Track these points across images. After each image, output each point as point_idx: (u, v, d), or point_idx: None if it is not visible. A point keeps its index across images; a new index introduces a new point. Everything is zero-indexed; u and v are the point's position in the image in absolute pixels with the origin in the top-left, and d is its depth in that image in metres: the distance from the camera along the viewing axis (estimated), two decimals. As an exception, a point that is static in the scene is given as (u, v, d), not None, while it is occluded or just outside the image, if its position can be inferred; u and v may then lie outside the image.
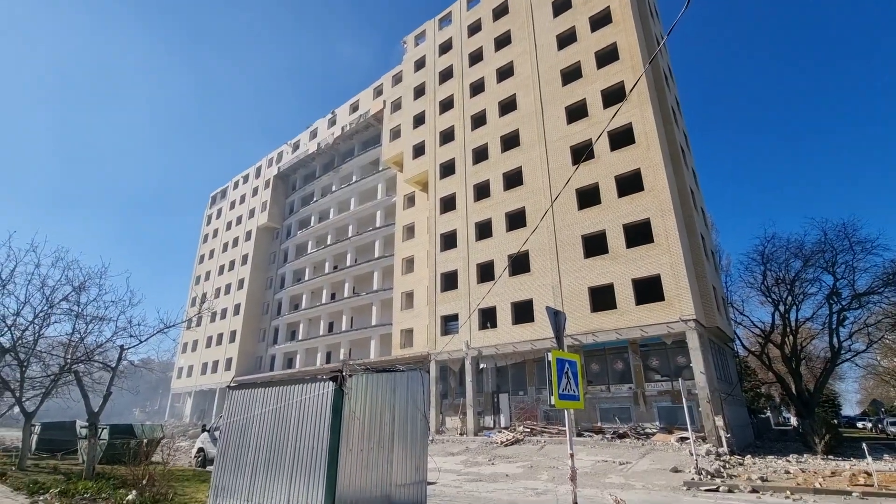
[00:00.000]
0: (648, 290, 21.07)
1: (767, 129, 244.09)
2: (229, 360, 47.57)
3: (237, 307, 50.06)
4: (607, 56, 25.68)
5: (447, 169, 31.98)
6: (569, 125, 25.84)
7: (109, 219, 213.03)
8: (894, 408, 55.18)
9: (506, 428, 23.77)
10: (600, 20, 26.66)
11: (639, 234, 21.90)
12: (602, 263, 22.36)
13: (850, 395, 72.49)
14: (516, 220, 26.68)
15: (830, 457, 16.92)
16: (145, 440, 15.41)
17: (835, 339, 25.55)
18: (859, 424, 46.81)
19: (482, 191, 29.13)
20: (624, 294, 21.33)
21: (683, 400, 15.02)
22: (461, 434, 24.98)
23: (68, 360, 14.73)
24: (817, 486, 11.11)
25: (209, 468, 14.10)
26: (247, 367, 46.86)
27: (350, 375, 7.05)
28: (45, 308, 15.60)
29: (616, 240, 22.21)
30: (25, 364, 15.44)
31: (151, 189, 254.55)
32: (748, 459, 15.88)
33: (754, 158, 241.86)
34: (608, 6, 26.26)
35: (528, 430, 22.35)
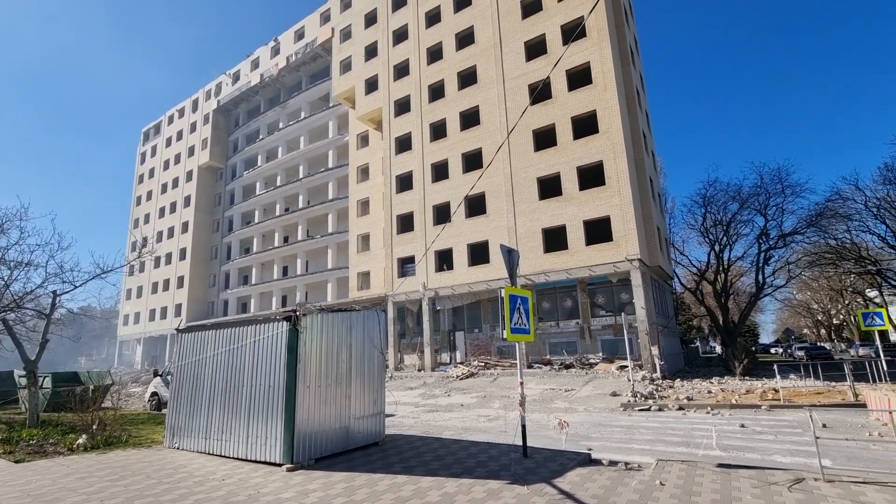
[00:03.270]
0: (598, 231, 21.90)
1: (732, 75, 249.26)
2: (179, 306, 46.05)
3: (183, 252, 47.75)
4: (569, -12, 24.65)
5: (402, 106, 30.66)
6: (528, 62, 25.12)
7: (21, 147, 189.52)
8: (803, 335, 62.75)
9: (461, 363, 24.94)
10: (563, -53, 25.26)
11: (592, 176, 22.35)
12: (556, 205, 22.84)
13: (768, 325, 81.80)
14: (473, 161, 26.39)
15: (747, 378, 19.12)
16: (92, 387, 14.96)
17: (760, 276, 28.12)
18: (773, 350, 53.01)
19: (438, 130, 28.34)
20: (575, 235, 22.08)
21: (625, 333, 16.22)
22: (419, 370, 25.99)
23: (-6, 309, 13.66)
24: (733, 402, 12.61)
25: (164, 411, 13.98)
26: (198, 312, 45.60)
27: (305, 315, 6.99)
28: (-43, 253, 14.20)
29: (570, 182, 22.59)
30: (-57, 313, 14.25)
31: (68, 117, 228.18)
32: (678, 383, 17.66)
33: (709, 102, 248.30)
34: (572, -68, 24.82)
35: (483, 364, 23.58)
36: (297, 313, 7.00)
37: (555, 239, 22.96)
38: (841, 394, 13.00)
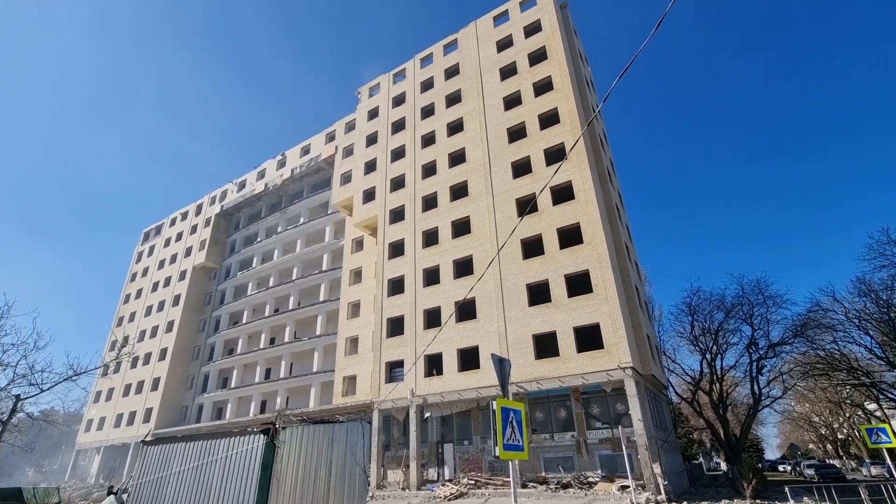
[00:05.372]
0: (589, 338, 21.87)
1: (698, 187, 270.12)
2: (149, 411, 43.03)
3: (163, 352, 46.04)
4: (549, 119, 27.81)
5: (397, 215, 32.36)
6: (514, 179, 27.28)
7: (19, 244, 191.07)
8: (809, 451, 59.32)
9: (450, 480, 22.96)
10: (543, 87, 29.05)
11: (579, 284, 22.96)
12: (545, 312, 23.06)
13: (771, 439, 77.61)
14: (463, 267, 27.17)
15: (758, 501, 17.72)
16: (36, 508, 13.45)
17: (755, 387, 27.51)
18: (780, 468, 49.58)
19: (431, 238, 29.59)
20: (566, 342, 21.96)
21: (623, 447, 15.40)
22: (403, 489, 23.78)
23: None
24: (744, 531, 11.55)
25: (113, 539, 12.43)
26: (170, 418, 42.58)
27: (284, 427, 6.70)
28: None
29: (558, 289, 23.11)
30: None
31: (74, 218, 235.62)
32: (683, 507, 16.27)
33: (684, 215, 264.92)
34: (550, 75, 28.76)
35: (473, 482, 21.72)
36: (276, 425, 6.73)
37: (546, 345, 22.78)
38: (858, 523, 12.04)
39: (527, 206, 25.64)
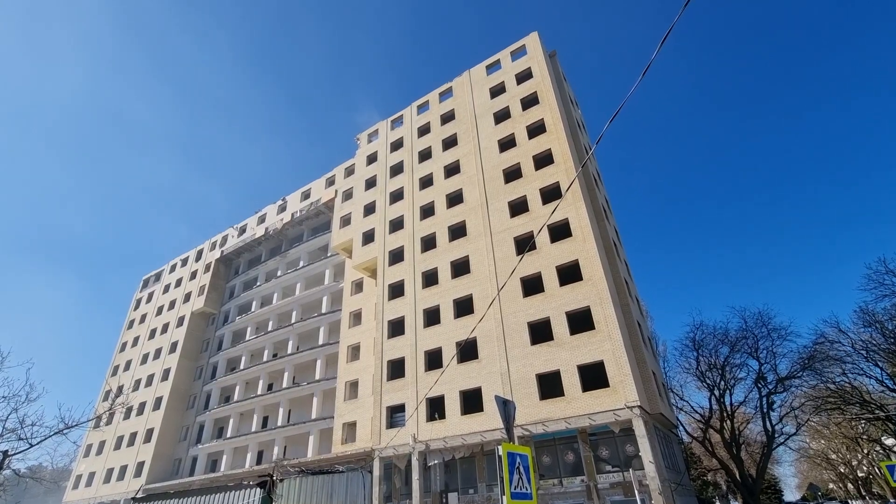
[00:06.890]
0: (594, 376, 21.45)
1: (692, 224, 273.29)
2: (141, 465, 41.37)
3: (158, 401, 44.80)
4: (543, 159, 28.54)
5: (396, 256, 32.52)
6: (511, 218, 27.65)
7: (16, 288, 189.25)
8: (830, 491, 56.69)
9: (455, 534, 21.81)
10: (536, 129, 30.01)
11: (581, 321, 22.78)
12: (548, 350, 22.74)
13: (789, 478, 74.16)
14: (464, 307, 27.02)
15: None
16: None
17: (767, 423, 26.72)
18: (802, 510, 47.18)
19: (430, 278, 29.60)
20: (570, 381, 21.53)
21: (636, 492, 14.81)
22: (406, 545, 22.55)
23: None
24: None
25: None
26: (162, 471, 40.88)
27: (281, 479, 6.48)
28: None
29: (560, 327, 22.90)
30: None
31: (77, 261, 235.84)
32: (702, 557, 15.42)
33: (684, 250, 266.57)
34: (542, 118, 29.79)
35: (479, 535, 20.62)
36: (273, 478, 6.51)
37: (550, 385, 22.30)
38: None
39: (525, 244, 25.85)
